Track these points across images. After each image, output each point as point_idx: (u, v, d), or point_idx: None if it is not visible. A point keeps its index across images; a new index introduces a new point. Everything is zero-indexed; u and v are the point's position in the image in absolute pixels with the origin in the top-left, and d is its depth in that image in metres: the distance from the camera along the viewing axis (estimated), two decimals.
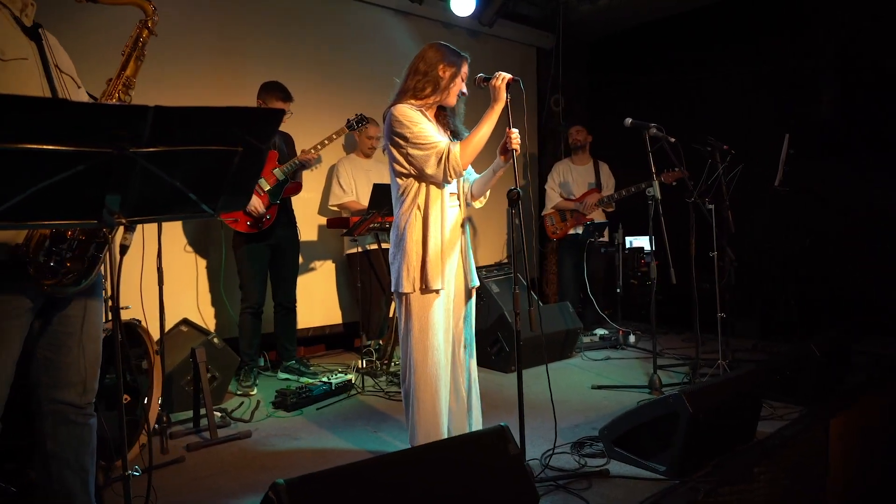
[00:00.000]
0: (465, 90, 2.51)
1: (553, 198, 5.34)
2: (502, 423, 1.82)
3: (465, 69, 2.49)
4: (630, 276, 5.72)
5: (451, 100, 2.49)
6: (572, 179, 5.31)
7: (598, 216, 5.21)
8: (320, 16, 4.89)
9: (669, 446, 2.47)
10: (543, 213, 5.44)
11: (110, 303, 2.55)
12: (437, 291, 2.40)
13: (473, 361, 2.60)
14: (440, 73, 2.44)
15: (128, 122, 1.11)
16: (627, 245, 5.81)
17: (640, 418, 2.58)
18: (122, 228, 1.27)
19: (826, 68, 5.04)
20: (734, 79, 5.55)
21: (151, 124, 1.12)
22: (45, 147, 1.04)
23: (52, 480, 1.82)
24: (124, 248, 1.27)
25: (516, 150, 2.36)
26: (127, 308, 2.98)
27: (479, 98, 2.59)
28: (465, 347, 2.56)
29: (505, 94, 2.34)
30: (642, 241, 5.84)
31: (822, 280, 4.93)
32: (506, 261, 5.48)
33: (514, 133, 2.35)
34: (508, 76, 2.34)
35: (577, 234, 5.21)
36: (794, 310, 4.76)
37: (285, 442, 2.98)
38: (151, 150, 1.16)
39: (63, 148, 1.07)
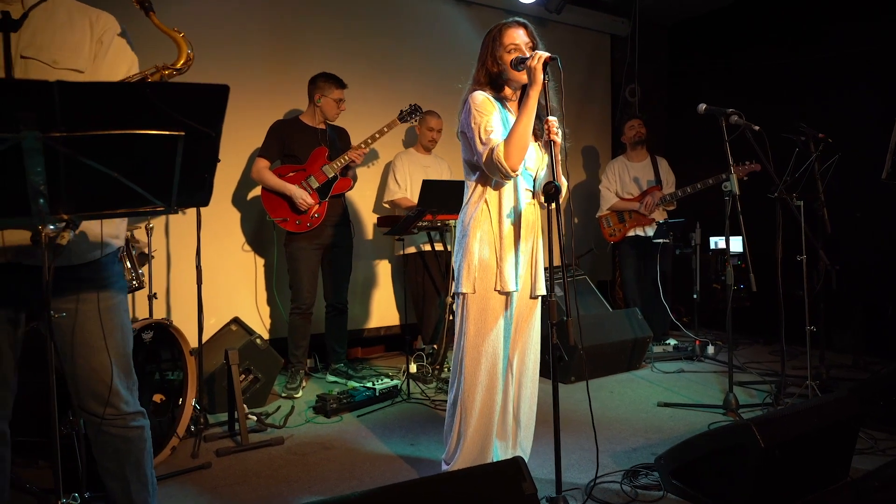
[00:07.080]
0: (523, 54, 2.17)
1: (609, 198, 4.90)
2: (518, 455, 1.56)
3: (507, 37, 2.20)
4: (713, 279, 5.25)
5: (515, 75, 2.19)
6: (629, 178, 4.87)
7: (658, 215, 4.76)
8: (375, 6, 4.75)
9: (737, 484, 2.11)
10: (598, 214, 5.00)
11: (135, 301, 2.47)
12: (499, 294, 2.19)
13: (537, 376, 2.37)
14: (485, 56, 2.25)
15: (31, 102, 0.94)
16: (711, 246, 5.35)
17: (701, 448, 2.22)
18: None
19: None
20: (832, 63, 4.93)
21: (61, 104, 0.96)
22: None
23: (104, 483, 1.75)
24: (59, 248, 1.12)
25: (556, 142, 2.08)
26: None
27: None
28: (530, 360, 2.33)
29: (542, 76, 2.05)
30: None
31: None
32: (572, 263, 5.13)
33: (553, 122, 2.08)
34: (546, 55, 2.05)
35: (639, 235, 4.77)
36: None
37: (316, 452, 2.83)
38: (68, 134, 0.99)
39: None
